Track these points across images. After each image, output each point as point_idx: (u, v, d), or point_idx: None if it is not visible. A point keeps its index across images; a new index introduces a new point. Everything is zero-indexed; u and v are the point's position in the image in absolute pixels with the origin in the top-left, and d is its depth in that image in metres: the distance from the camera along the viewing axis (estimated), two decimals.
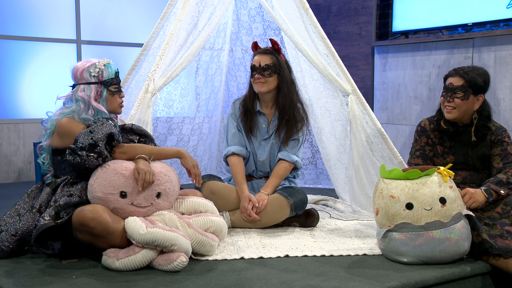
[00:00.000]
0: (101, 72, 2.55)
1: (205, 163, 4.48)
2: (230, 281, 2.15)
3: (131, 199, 2.36)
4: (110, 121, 2.44)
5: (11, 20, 4.74)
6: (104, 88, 2.55)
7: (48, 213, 2.29)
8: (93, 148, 2.33)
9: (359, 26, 5.38)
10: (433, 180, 2.40)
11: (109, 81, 2.57)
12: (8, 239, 2.37)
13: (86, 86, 2.53)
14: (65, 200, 2.33)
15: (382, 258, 2.46)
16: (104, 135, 2.35)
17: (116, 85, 2.60)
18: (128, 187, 2.36)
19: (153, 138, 2.69)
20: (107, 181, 2.34)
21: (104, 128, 2.37)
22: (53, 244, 2.36)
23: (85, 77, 2.54)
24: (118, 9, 5.24)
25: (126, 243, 2.31)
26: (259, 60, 3.07)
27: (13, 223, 2.40)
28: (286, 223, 3.05)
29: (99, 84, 2.54)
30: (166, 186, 2.45)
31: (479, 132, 2.72)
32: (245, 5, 4.11)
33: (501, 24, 4.18)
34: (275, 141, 3.16)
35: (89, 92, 2.52)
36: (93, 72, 2.54)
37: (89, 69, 2.54)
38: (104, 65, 2.56)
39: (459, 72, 2.68)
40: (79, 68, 2.56)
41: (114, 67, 2.61)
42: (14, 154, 4.70)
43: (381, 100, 5.13)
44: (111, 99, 2.59)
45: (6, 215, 2.46)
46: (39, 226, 2.26)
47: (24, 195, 2.53)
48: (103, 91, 2.55)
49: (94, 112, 2.52)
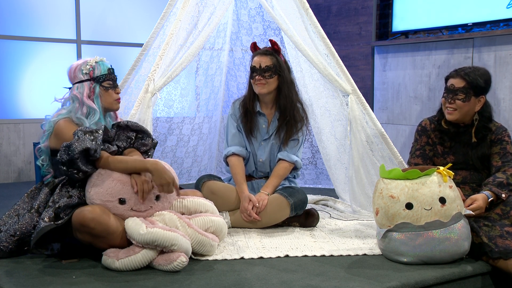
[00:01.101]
0: (92, 69, 2.55)
1: (205, 163, 4.48)
2: (230, 281, 2.15)
3: (130, 205, 2.35)
4: (90, 135, 2.33)
5: (11, 20, 4.74)
6: (96, 84, 2.55)
7: (48, 215, 2.28)
8: (72, 165, 2.30)
9: (359, 26, 5.38)
10: (433, 180, 2.40)
11: (101, 77, 2.56)
12: (7, 239, 2.37)
13: (80, 85, 2.54)
14: (64, 202, 2.32)
15: (382, 258, 2.46)
16: (79, 151, 2.28)
17: (110, 81, 2.59)
18: (126, 194, 2.35)
19: (150, 133, 2.66)
20: (104, 189, 2.33)
21: (80, 144, 2.29)
22: (52, 245, 2.36)
23: (78, 76, 2.55)
24: (118, 9, 5.24)
25: (126, 243, 2.31)
26: (259, 61, 3.06)
27: (12, 224, 2.40)
28: (286, 223, 3.05)
29: (91, 81, 2.55)
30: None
31: (480, 133, 2.71)
32: (245, 5, 4.11)
33: (501, 24, 4.18)
34: (275, 141, 3.16)
35: (82, 90, 2.53)
36: (84, 70, 2.55)
37: (81, 67, 2.55)
38: (95, 62, 2.57)
39: (460, 74, 2.67)
40: (73, 67, 2.57)
41: (107, 64, 2.61)
42: (14, 154, 4.70)
43: (381, 100, 5.13)
44: (105, 94, 2.58)
45: (5, 215, 2.46)
46: (40, 229, 2.25)
47: (24, 195, 2.53)
48: (95, 87, 2.55)
49: (87, 110, 2.52)
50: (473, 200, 2.50)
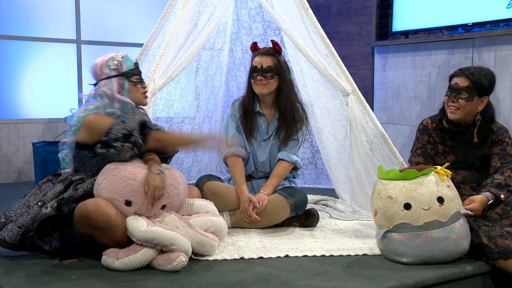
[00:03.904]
0: (120, 64, 2.51)
1: (205, 163, 4.48)
2: (230, 281, 2.15)
3: (135, 209, 2.36)
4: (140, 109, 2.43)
5: (11, 20, 4.74)
6: (125, 79, 2.52)
7: (50, 204, 2.30)
8: (128, 138, 2.33)
9: (359, 26, 5.38)
10: (431, 180, 2.39)
11: (129, 72, 2.53)
12: (13, 230, 2.35)
13: (108, 81, 2.50)
14: (69, 194, 2.34)
15: (381, 258, 2.46)
16: (137, 123, 2.34)
17: (137, 76, 2.56)
18: (135, 197, 2.35)
19: None
20: (114, 186, 2.33)
21: (136, 117, 2.36)
22: (52, 240, 2.35)
23: (105, 72, 2.50)
24: (118, 9, 5.24)
25: (126, 239, 2.31)
26: (261, 61, 3.06)
27: (21, 215, 2.39)
28: (286, 223, 3.05)
29: (120, 76, 2.51)
30: (173, 199, 2.45)
31: (482, 134, 2.71)
32: (245, 5, 4.11)
33: (501, 24, 4.18)
34: (274, 141, 3.16)
35: (111, 86, 2.49)
36: (112, 66, 2.50)
37: (107, 63, 2.51)
38: (122, 57, 2.53)
39: (465, 73, 2.66)
40: (98, 64, 2.52)
41: (133, 59, 2.59)
42: (14, 154, 4.70)
43: (381, 100, 5.13)
44: (134, 89, 2.54)
45: (15, 205, 2.45)
46: (41, 215, 2.27)
47: (35, 187, 2.53)
48: (124, 83, 2.51)
49: (119, 105, 2.49)
50: (471, 201, 2.50)
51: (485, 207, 2.52)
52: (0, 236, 2.35)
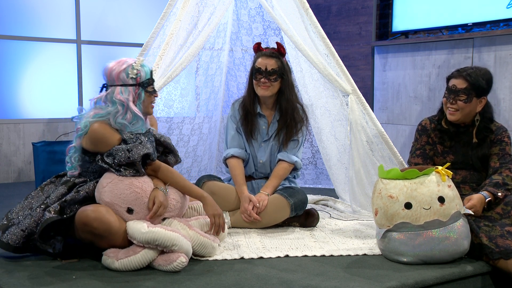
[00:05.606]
0: (139, 74, 2.42)
1: (205, 163, 4.48)
2: (230, 281, 2.15)
3: (136, 217, 2.35)
4: (147, 138, 2.39)
5: (11, 20, 4.74)
6: (142, 90, 2.45)
7: (53, 208, 2.29)
8: (131, 166, 2.34)
9: (359, 26, 5.38)
10: (431, 180, 2.40)
11: (146, 82, 2.46)
12: (17, 233, 2.34)
13: (124, 88, 2.41)
14: (71, 196, 2.33)
15: (382, 258, 2.47)
16: (141, 155, 2.32)
17: (152, 85, 2.50)
18: (137, 206, 2.35)
19: (177, 153, 2.60)
20: (118, 191, 2.33)
21: (142, 149, 2.33)
22: (55, 243, 2.35)
23: (122, 79, 2.40)
24: (118, 9, 5.24)
25: (127, 244, 2.31)
26: (266, 63, 3.04)
27: (24, 217, 2.38)
28: (286, 223, 3.05)
29: (137, 86, 2.44)
30: (175, 213, 2.46)
31: (481, 134, 2.71)
32: (245, 5, 4.10)
33: (501, 24, 4.18)
34: (275, 142, 3.16)
35: (127, 95, 2.40)
36: (131, 74, 2.40)
37: (126, 71, 2.40)
38: (140, 66, 2.44)
39: (462, 74, 2.66)
40: (115, 69, 2.41)
41: (148, 66, 2.50)
42: (14, 154, 4.70)
43: (381, 100, 5.13)
44: (147, 100, 2.49)
45: (17, 207, 2.44)
46: (44, 220, 2.26)
47: (38, 189, 2.51)
48: (141, 93, 2.44)
49: (131, 116, 2.42)
50: (469, 200, 2.50)
51: (484, 205, 2.52)
52: (4, 240, 2.34)
